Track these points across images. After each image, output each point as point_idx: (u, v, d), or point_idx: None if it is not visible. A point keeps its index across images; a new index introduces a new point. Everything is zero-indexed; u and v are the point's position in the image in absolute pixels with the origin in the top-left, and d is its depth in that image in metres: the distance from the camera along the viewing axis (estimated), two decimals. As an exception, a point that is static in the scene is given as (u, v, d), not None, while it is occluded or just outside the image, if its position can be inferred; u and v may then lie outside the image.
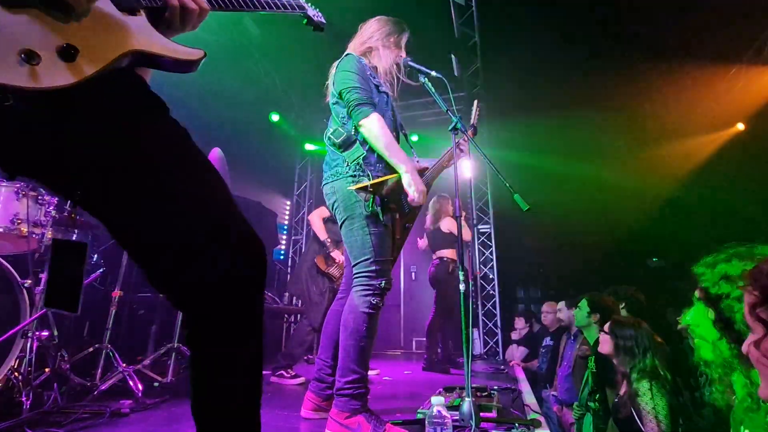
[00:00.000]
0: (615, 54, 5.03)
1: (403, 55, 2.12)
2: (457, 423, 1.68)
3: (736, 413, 1.15)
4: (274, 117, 6.37)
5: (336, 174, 1.93)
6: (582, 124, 6.33)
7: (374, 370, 3.57)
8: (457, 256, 3.95)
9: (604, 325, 2.36)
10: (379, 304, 1.84)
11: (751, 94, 5.63)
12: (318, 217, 3.59)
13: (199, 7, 0.85)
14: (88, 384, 2.28)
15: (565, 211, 6.39)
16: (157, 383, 2.55)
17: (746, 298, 0.90)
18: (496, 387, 2.68)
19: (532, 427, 1.82)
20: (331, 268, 3.45)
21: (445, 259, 4.13)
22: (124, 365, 2.41)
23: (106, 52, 0.71)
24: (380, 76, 2.05)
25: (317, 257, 3.49)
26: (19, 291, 2.13)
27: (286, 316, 5.55)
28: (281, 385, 3.07)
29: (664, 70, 5.43)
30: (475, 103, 2.51)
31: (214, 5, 0.90)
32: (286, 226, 7.22)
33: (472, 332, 5.59)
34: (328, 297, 3.35)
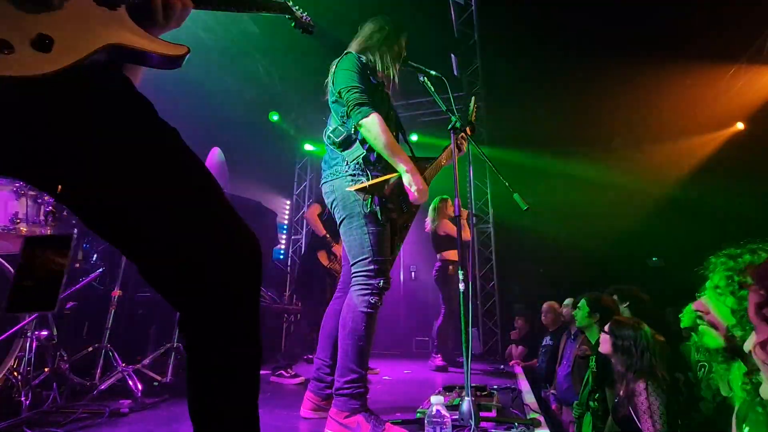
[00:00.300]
0: (615, 54, 5.03)
1: (403, 54, 2.12)
2: (457, 422, 1.67)
3: (738, 412, 1.15)
4: (274, 117, 6.37)
5: (335, 173, 1.92)
6: (582, 124, 6.34)
7: (374, 370, 3.58)
8: (457, 257, 3.96)
9: (605, 326, 2.36)
10: (378, 304, 1.83)
11: (751, 93, 5.63)
12: (313, 213, 3.59)
13: (181, 2, 0.83)
14: (88, 383, 2.27)
15: (565, 211, 6.40)
16: (156, 383, 2.54)
17: (751, 297, 0.88)
18: (495, 386, 2.68)
19: (531, 427, 1.82)
20: (335, 264, 3.44)
21: (446, 261, 4.17)
22: (124, 365, 2.40)
23: (83, 44, 0.69)
24: (379, 75, 2.04)
25: (319, 253, 3.48)
26: (19, 290, 2.12)
27: (285, 316, 5.54)
28: (281, 384, 3.07)
29: (664, 69, 5.42)
30: (473, 100, 2.51)
31: (197, 3, 0.88)
32: (285, 226, 7.23)
33: (471, 332, 5.56)
34: (329, 294, 3.35)
